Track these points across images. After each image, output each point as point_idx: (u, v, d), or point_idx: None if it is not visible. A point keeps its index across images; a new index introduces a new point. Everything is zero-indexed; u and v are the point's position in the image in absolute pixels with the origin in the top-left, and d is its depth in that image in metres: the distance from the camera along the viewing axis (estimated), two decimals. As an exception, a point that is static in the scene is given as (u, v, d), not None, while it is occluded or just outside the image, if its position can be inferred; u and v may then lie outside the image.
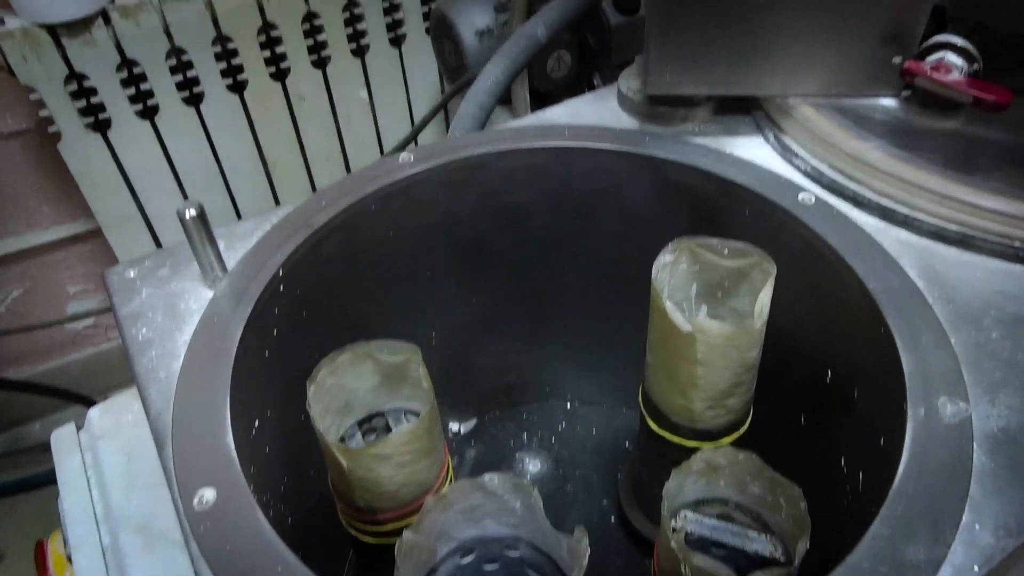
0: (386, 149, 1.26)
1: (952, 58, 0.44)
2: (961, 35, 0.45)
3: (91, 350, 1.36)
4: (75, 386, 1.26)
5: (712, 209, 0.47)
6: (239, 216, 1.19)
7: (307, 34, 1.09)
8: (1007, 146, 0.44)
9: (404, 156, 0.49)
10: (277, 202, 1.21)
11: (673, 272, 0.41)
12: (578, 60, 0.98)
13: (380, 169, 0.48)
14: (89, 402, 1.25)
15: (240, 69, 1.07)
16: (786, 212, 0.42)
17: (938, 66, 0.44)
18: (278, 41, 1.07)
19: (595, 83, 0.97)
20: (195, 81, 1.05)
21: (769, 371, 0.41)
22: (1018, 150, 0.43)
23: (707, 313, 0.43)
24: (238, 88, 1.08)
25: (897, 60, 0.46)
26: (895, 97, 0.48)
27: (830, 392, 0.42)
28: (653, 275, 0.39)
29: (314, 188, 1.23)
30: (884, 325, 0.35)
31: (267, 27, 1.06)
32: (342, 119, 1.19)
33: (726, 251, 0.40)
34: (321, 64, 1.13)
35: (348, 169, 1.25)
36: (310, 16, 1.08)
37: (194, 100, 1.06)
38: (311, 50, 1.11)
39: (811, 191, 0.44)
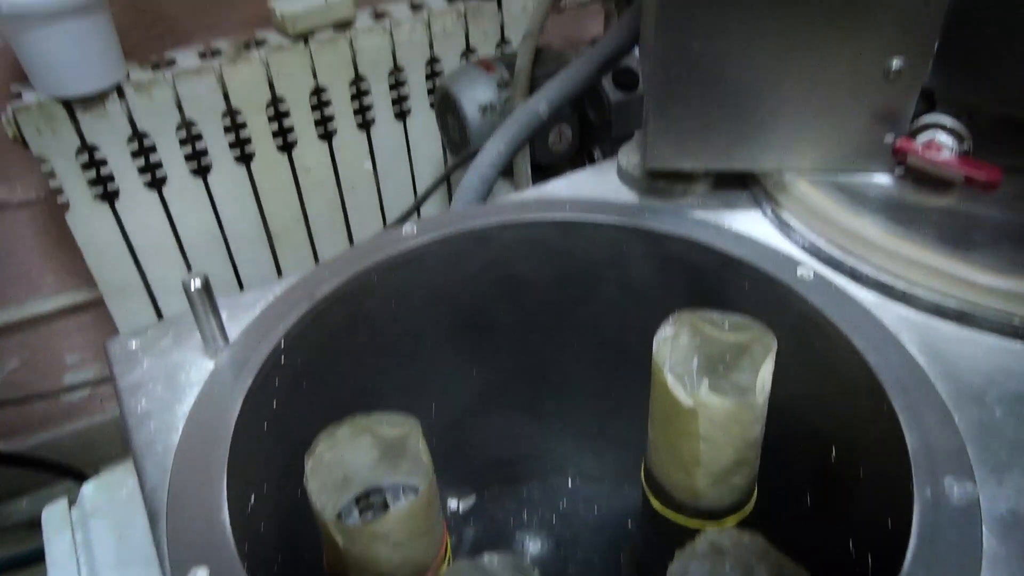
0: (389, 220, 1.28)
1: (942, 138, 0.46)
2: (950, 115, 0.47)
3: (85, 422, 1.35)
4: (66, 459, 1.25)
5: (712, 282, 0.48)
6: (241, 286, 1.20)
7: (315, 108, 1.13)
8: (1001, 223, 0.45)
9: (407, 228, 0.50)
10: (280, 272, 1.22)
11: (674, 346, 0.42)
12: (579, 134, 1.01)
13: (383, 240, 0.50)
14: (80, 476, 1.23)
15: (248, 141, 1.10)
16: (785, 287, 0.43)
17: (929, 145, 0.46)
18: (286, 114, 1.11)
19: (595, 156, 1.00)
20: (203, 152, 1.08)
21: (773, 448, 0.41)
22: (1012, 227, 0.45)
23: (709, 387, 0.43)
24: (245, 159, 1.12)
25: (889, 139, 0.48)
26: (889, 174, 0.50)
27: (835, 471, 0.42)
28: (654, 348, 0.39)
29: (317, 258, 1.25)
30: (886, 402, 0.35)
31: (276, 101, 1.10)
32: (346, 190, 1.22)
33: (727, 325, 0.41)
34: (327, 137, 1.16)
35: (351, 239, 1.27)
36: (318, 90, 1.12)
37: (202, 171, 1.09)
38: (318, 123, 1.15)
39: (809, 266, 0.44)
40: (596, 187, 0.57)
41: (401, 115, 1.21)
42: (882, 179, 0.50)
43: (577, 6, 1.26)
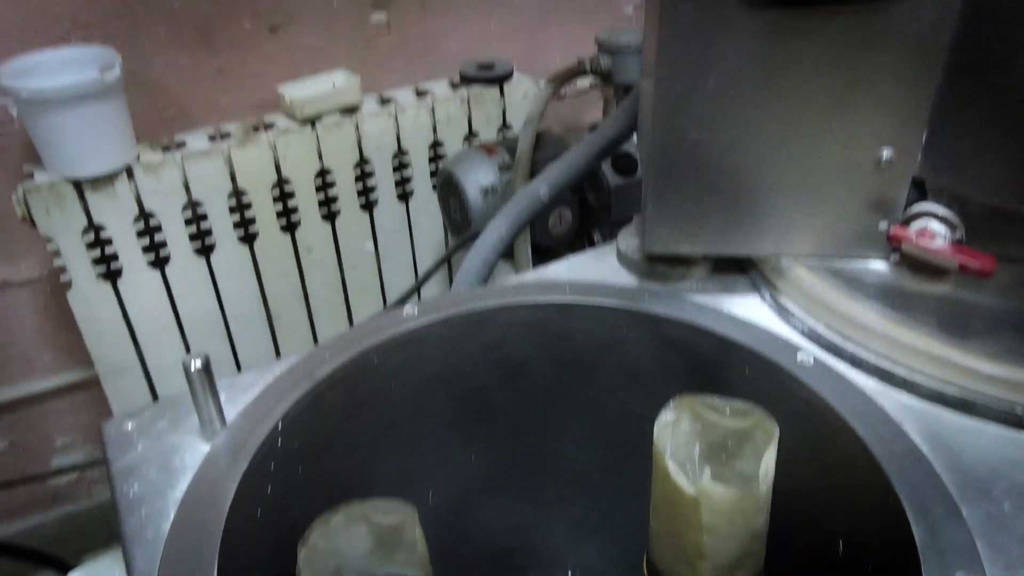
0: (389, 300, 1.29)
1: (935, 226, 0.47)
2: (942, 204, 0.48)
3: (70, 507, 1.31)
4: (49, 547, 1.21)
5: (712, 367, 0.48)
6: (239, 366, 1.20)
7: (319, 189, 1.16)
8: (998, 311, 0.46)
9: (408, 309, 0.51)
10: (278, 353, 1.23)
11: (675, 432, 0.42)
12: (579, 217, 1.04)
13: (384, 321, 0.50)
14: (62, 565, 1.19)
15: (252, 221, 1.13)
16: (786, 372, 0.43)
17: (922, 233, 0.47)
18: (291, 195, 1.14)
19: (595, 239, 1.02)
20: (208, 232, 1.10)
21: (779, 540, 0.40)
22: (1010, 315, 0.45)
23: (711, 476, 0.42)
24: (248, 239, 1.14)
25: (883, 226, 0.49)
26: (884, 260, 0.51)
27: (843, 565, 0.41)
28: (655, 434, 0.39)
29: (316, 339, 1.25)
30: (892, 493, 0.35)
31: (281, 182, 1.13)
32: (347, 270, 1.23)
33: (728, 410, 0.41)
34: (330, 217, 1.19)
35: (351, 319, 1.27)
36: (323, 172, 1.15)
37: (205, 251, 1.11)
38: (322, 204, 1.17)
39: (809, 351, 0.45)
40: (596, 270, 0.58)
41: (404, 196, 1.24)
42: (878, 265, 0.51)
43: (577, 93, 1.32)
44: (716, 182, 0.50)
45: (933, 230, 0.47)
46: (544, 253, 1.02)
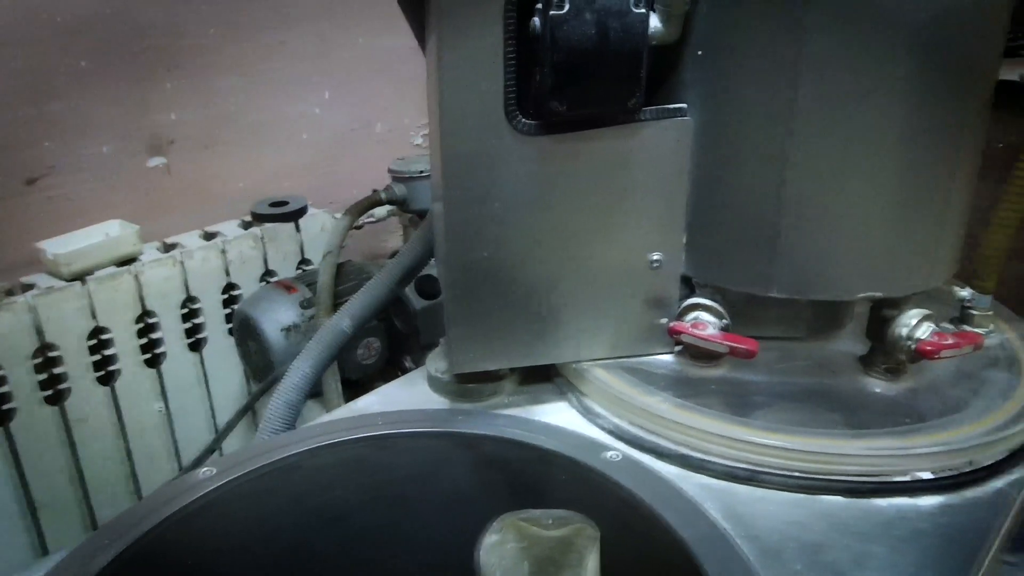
0: (186, 463, 1.20)
1: (705, 316, 0.55)
2: (708, 297, 0.56)
3: None
4: None
5: (530, 479, 0.50)
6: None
7: (93, 350, 1.07)
8: (767, 386, 0.53)
9: (205, 470, 0.48)
10: (45, 550, 1.07)
11: (502, 553, 0.43)
12: (388, 345, 1.05)
13: (176, 489, 0.47)
14: None
15: (6, 398, 1.01)
16: (597, 472, 0.47)
17: (696, 324, 0.54)
18: (56, 362, 1.04)
19: (406, 365, 1.04)
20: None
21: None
22: (778, 387, 0.53)
23: (542, 591, 0.44)
24: (1, 420, 1.01)
25: (663, 321, 0.56)
26: (670, 353, 0.57)
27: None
28: (481, 559, 0.40)
29: (95, 524, 1.12)
30: (702, 571, 0.38)
31: (44, 348, 1.03)
32: (133, 438, 1.13)
33: (550, 521, 0.43)
34: (108, 379, 1.10)
35: (139, 494, 1.16)
36: (97, 331, 1.07)
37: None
38: (96, 366, 1.08)
39: (617, 448, 0.49)
40: (408, 398, 0.59)
41: (195, 346, 1.18)
42: (666, 358, 0.57)
43: (375, 220, 1.36)
44: (512, 297, 0.54)
45: (704, 320, 0.54)
46: (356, 386, 1.01)
